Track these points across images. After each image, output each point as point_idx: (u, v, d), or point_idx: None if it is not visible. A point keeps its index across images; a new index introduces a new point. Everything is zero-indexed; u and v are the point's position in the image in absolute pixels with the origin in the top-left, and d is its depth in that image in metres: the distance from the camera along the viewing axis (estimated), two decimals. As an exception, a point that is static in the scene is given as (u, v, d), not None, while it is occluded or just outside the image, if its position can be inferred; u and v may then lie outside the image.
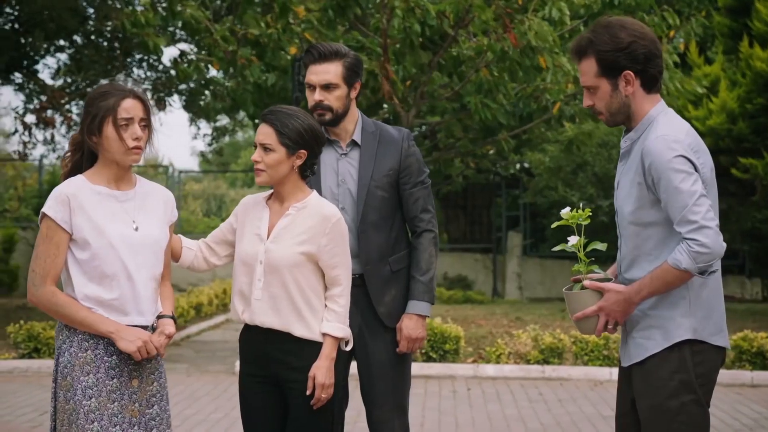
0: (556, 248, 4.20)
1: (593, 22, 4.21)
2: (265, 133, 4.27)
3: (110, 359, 3.99)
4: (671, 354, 3.92)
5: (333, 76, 4.81)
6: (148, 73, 17.80)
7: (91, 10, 16.01)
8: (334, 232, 4.31)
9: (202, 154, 23.06)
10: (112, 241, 3.97)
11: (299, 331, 4.28)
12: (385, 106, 12.14)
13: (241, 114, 20.64)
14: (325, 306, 4.32)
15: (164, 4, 12.51)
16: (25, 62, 17.06)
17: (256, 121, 11.53)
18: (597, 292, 4.02)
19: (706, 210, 3.81)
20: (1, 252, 21.47)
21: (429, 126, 14.71)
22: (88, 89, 18.91)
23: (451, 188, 23.58)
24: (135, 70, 18.02)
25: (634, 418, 4.07)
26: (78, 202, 3.97)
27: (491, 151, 18.80)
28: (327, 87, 4.81)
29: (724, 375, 10.84)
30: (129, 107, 4.01)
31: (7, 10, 15.59)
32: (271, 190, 4.42)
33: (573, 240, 4.12)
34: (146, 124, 4.08)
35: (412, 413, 9.05)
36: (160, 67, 17.60)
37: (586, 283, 4.05)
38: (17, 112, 16.93)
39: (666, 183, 3.83)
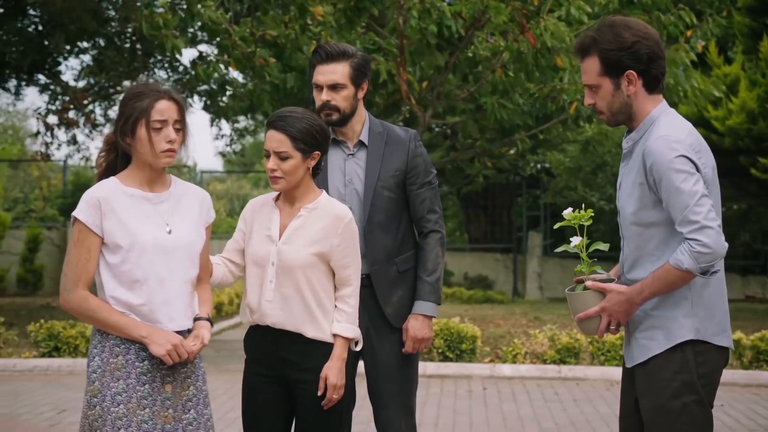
0: (559, 249, 4.22)
1: (598, 21, 4.21)
2: (279, 140, 4.25)
3: (141, 365, 3.92)
4: (674, 354, 3.93)
5: (340, 76, 4.82)
6: (170, 74, 17.92)
7: (113, 12, 16.15)
8: (347, 232, 4.34)
9: (223, 155, 23.17)
10: (144, 245, 3.90)
11: (311, 332, 4.29)
12: (407, 107, 12.15)
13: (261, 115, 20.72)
14: (335, 306, 4.36)
15: (184, 6, 12.59)
16: (48, 64, 17.20)
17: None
18: (599, 292, 4.03)
19: (707, 210, 3.81)
20: (26, 252, 21.61)
21: (447, 126, 14.72)
22: (111, 90, 19.10)
23: (472, 188, 23.59)
24: (156, 71, 18.14)
25: (638, 418, 4.08)
26: (109, 205, 3.90)
27: (511, 151, 18.81)
28: (334, 87, 4.83)
29: (741, 375, 10.83)
30: (163, 109, 3.93)
31: (30, 12, 15.74)
32: (275, 192, 4.45)
33: (575, 240, 4.13)
34: (180, 127, 3.99)
35: (427, 413, 9.11)
36: (181, 68, 17.72)
37: (588, 283, 4.06)
38: (39, 113, 17.07)
39: (667, 183, 3.84)
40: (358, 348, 4.43)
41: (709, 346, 3.96)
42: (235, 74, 14.73)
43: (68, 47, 16.49)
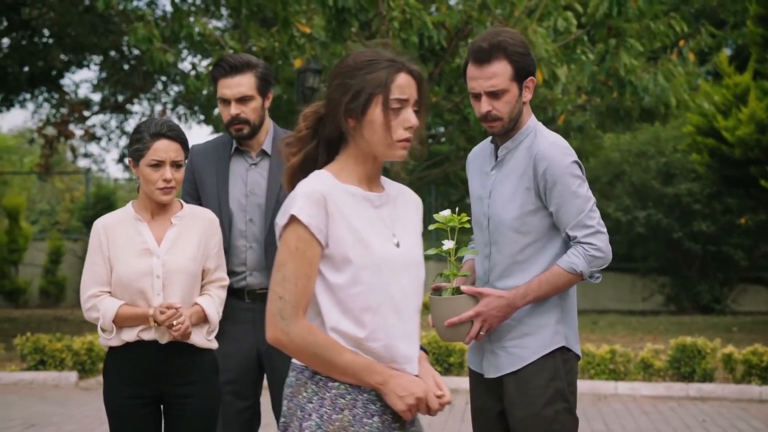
0: (430, 251, 4.12)
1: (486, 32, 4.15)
2: (176, 150, 4.20)
3: (371, 421, 2.96)
4: (547, 361, 3.91)
5: (247, 87, 4.73)
6: (176, 87, 18.01)
7: (113, 26, 16.25)
8: (219, 233, 4.37)
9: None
10: (379, 261, 2.96)
11: (199, 339, 4.26)
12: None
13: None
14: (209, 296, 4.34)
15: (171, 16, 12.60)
16: (50, 77, 17.32)
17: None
18: (472, 297, 3.91)
19: (599, 216, 3.89)
20: (48, 263, 21.72)
21: (434, 137, 14.64)
22: (126, 102, 19.19)
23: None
24: (165, 84, 18.22)
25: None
26: (336, 204, 2.94)
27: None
28: (242, 100, 4.72)
29: (732, 389, 10.62)
30: (404, 85, 2.99)
31: (32, 25, 15.89)
32: (130, 207, 4.32)
33: (448, 244, 4.01)
34: (419, 109, 3.05)
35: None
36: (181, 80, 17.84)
37: (464, 288, 3.92)
38: (38, 125, 17.20)
39: (563, 187, 3.84)
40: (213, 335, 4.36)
41: (572, 354, 3.99)
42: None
43: (67, 59, 16.57)
